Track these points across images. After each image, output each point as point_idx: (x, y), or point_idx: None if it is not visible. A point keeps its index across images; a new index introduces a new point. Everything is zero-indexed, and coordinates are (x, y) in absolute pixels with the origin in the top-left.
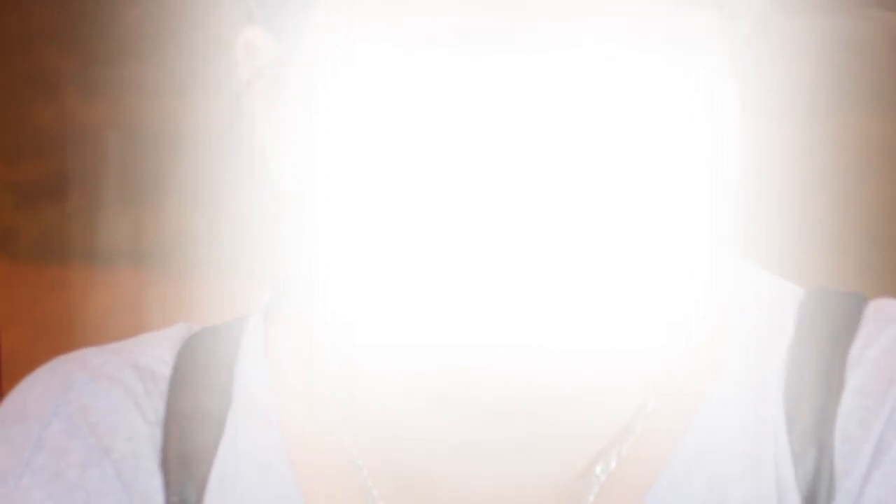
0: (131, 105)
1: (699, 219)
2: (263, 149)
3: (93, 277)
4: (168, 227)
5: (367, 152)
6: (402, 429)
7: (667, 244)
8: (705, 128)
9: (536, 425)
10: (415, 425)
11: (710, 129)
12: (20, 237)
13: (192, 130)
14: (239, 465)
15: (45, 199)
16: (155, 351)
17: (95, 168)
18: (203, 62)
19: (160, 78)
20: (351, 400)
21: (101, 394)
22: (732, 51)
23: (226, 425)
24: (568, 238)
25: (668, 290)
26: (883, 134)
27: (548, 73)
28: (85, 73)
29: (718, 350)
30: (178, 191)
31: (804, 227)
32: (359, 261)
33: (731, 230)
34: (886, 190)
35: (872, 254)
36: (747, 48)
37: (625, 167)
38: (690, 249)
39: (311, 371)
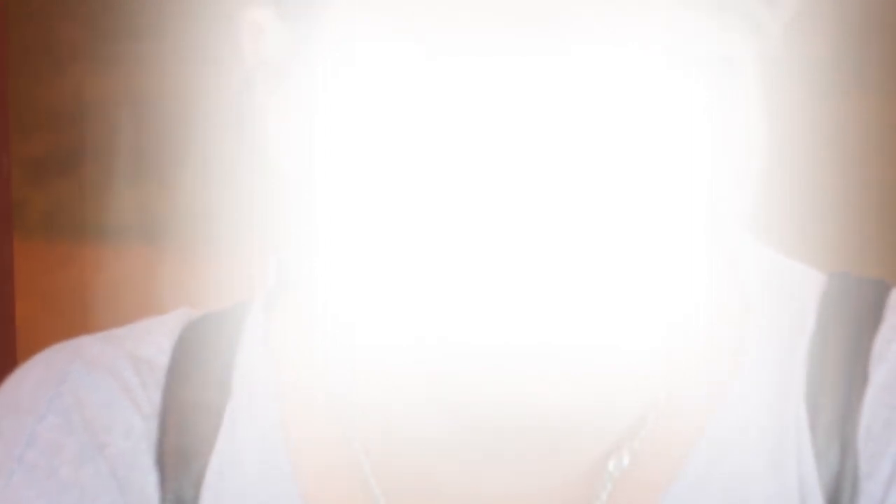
0: (143, 80)
1: (717, 214)
2: (266, 134)
3: (104, 252)
4: (179, 203)
5: (372, 149)
6: (405, 426)
7: (682, 239)
8: (728, 131)
9: (546, 429)
10: (418, 423)
11: (733, 133)
12: (31, 212)
13: (204, 106)
14: (237, 460)
15: (57, 173)
16: (153, 339)
17: (107, 143)
18: (215, 38)
19: (172, 53)
20: (353, 395)
21: (96, 387)
22: (760, 63)
23: (224, 418)
24: (578, 233)
25: (684, 284)
26: None
27: (567, 78)
28: (97, 47)
29: (738, 344)
30: (189, 166)
31: (817, 210)
32: (360, 257)
33: (750, 221)
34: None
35: (888, 236)
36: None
37: (639, 167)
38: (707, 244)
39: (313, 365)
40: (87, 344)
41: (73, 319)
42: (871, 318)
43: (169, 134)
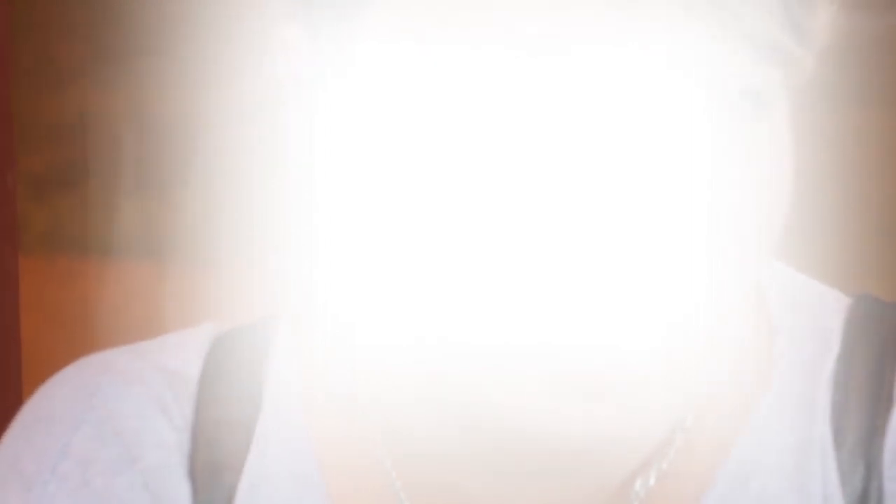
0: (145, 97)
1: (744, 230)
2: (292, 147)
3: (106, 267)
4: (182, 219)
5: (399, 157)
6: (432, 442)
7: (711, 254)
8: (755, 163)
9: (571, 452)
10: (444, 439)
11: (761, 166)
12: (34, 227)
13: (207, 123)
14: (269, 473)
15: (59, 189)
16: (183, 352)
17: (110, 159)
18: (217, 55)
19: (174, 70)
20: (382, 409)
21: (127, 399)
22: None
23: (255, 432)
24: (607, 246)
25: (710, 299)
26: None
27: (587, 84)
28: (99, 64)
29: (764, 366)
30: (191, 182)
31: (817, 223)
32: (382, 267)
33: (778, 246)
34: None
35: (887, 249)
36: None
37: (653, 176)
38: (734, 263)
39: (340, 380)
40: (116, 357)
41: (77, 334)
42: None
43: (171, 150)
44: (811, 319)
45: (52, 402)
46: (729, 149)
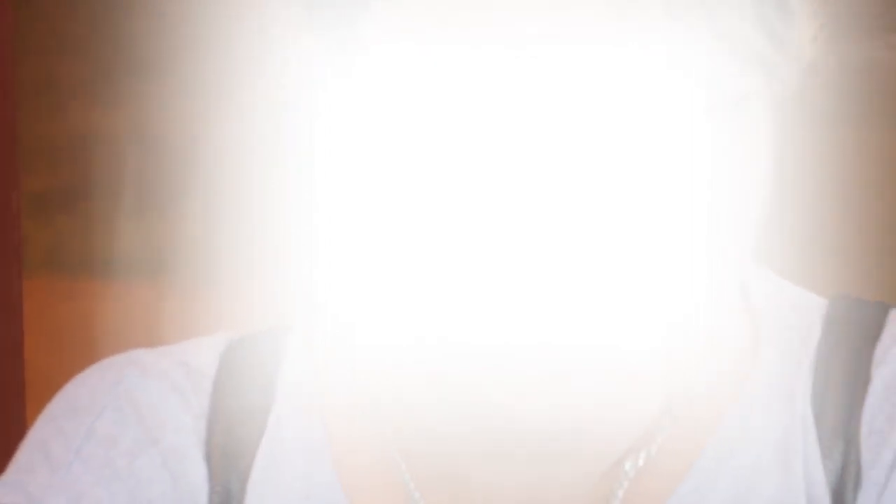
0: (145, 116)
1: (725, 226)
2: (304, 151)
3: (108, 287)
4: (182, 239)
5: (405, 157)
6: (439, 430)
7: (694, 249)
8: (735, 162)
9: (563, 439)
10: (450, 428)
11: (740, 165)
12: (35, 247)
13: (207, 142)
14: (282, 457)
15: (60, 209)
16: (201, 353)
17: (109, 178)
18: (218, 74)
19: (175, 90)
20: (391, 401)
21: (150, 388)
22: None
23: (269, 419)
24: (591, 243)
25: (696, 292)
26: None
27: (580, 84)
28: (99, 84)
29: (748, 355)
30: (191, 202)
31: (815, 239)
32: (392, 270)
33: (759, 239)
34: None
35: (883, 266)
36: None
37: (648, 180)
38: (717, 255)
39: (354, 372)
40: (139, 354)
41: (79, 353)
42: (873, 330)
43: (171, 169)
44: (793, 313)
45: (78, 392)
46: (706, 148)
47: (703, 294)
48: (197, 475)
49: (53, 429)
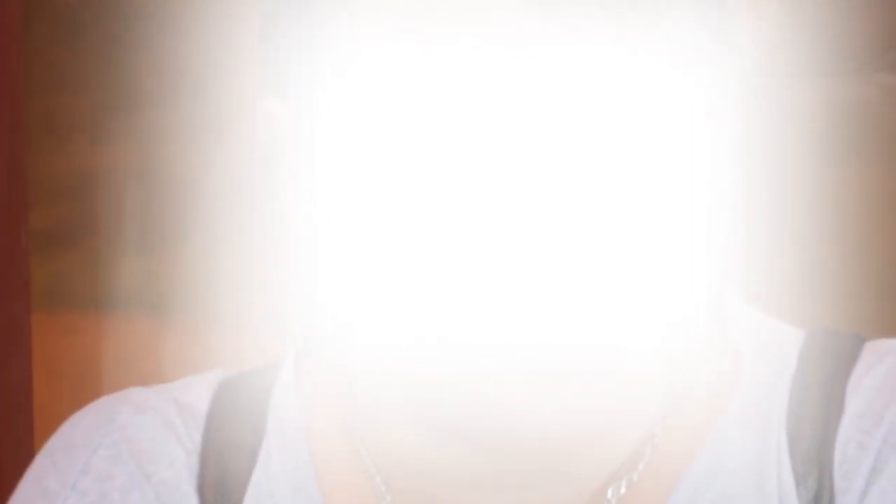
0: (145, 151)
1: (702, 245)
2: (283, 201)
3: (110, 323)
4: (182, 275)
5: (383, 197)
6: (422, 459)
7: (670, 271)
8: (694, 147)
9: (548, 455)
10: (433, 456)
11: (701, 151)
12: (38, 283)
13: (207, 177)
14: (272, 488)
15: (63, 245)
16: (193, 390)
17: (109, 214)
18: (219, 111)
19: (174, 124)
20: (375, 431)
21: (143, 425)
22: (735, 82)
23: (259, 454)
24: (588, 243)
25: (675, 322)
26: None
27: (552, 78)
28: (99, 119)
29: (725, 387)
30: (191, 238)
31: (811, 278)
32: (392, 272)
33: (735, 267)
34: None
35: (881, 305)
36: (758, 101)
37: (644, 181)
38: (694, 280)
39: (339, 404)
40: (133, 392)
41: (82, 388)
42: (847, 362)
43: (171, 205)
44: (771, 344)
45: (74, 430)
46: (699, 149)
47: (679, 321)
48: None
49: (50, 465)
